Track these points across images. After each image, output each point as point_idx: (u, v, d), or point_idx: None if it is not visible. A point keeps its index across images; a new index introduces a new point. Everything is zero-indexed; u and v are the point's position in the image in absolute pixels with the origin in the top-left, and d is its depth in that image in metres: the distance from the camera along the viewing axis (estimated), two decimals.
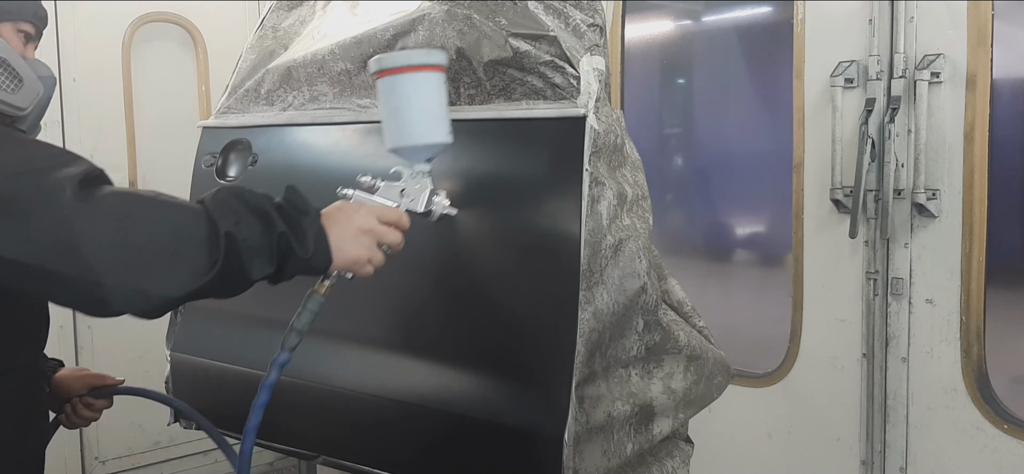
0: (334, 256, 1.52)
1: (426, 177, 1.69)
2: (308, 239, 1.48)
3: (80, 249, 1.29)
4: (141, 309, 1.37)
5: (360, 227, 1.56)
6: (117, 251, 1.31)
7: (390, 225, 1.60)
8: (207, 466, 4.31)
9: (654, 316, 1.84)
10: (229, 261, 1.38)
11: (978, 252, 2.65)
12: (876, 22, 2.78)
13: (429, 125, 1.66)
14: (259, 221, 1.43)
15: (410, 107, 1.64)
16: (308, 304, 1.62)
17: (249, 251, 1.41)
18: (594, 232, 1.73)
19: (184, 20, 4.22)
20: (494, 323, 1.89)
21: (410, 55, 1.69)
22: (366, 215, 1.58)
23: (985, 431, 2.68)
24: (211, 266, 1.36)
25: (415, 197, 1.68)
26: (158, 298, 1.36)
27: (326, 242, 1.51)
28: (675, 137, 3.86)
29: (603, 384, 1.77)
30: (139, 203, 1.38)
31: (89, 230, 1.30)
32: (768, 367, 3.20)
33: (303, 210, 1.49)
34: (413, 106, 1.64)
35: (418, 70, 1.64)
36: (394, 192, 1.68)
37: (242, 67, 2.48)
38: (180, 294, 1.37)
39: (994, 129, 2.63)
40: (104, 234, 1.31)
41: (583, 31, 1.86)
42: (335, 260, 1.53)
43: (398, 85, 1.64)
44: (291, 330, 1.63)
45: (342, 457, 2.15)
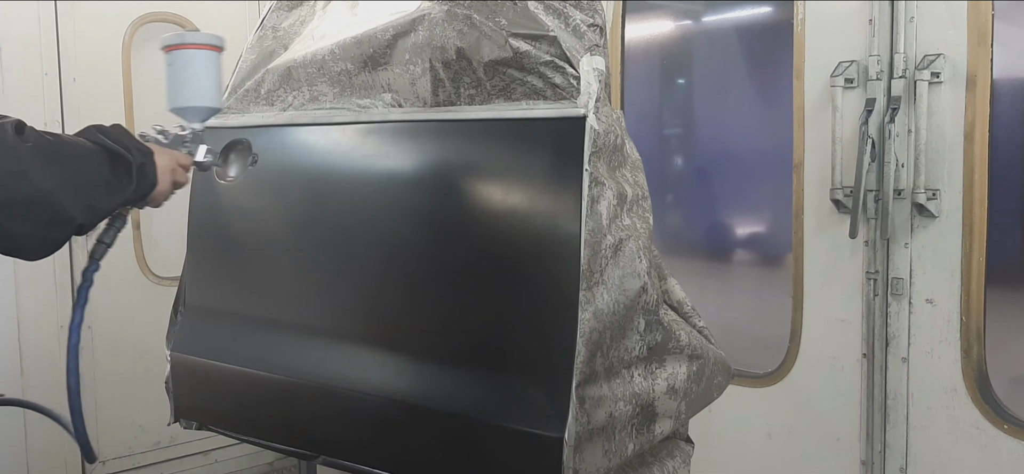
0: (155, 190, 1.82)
1: (200, 133, 2.03)
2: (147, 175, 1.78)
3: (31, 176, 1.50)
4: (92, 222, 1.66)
5: (169, 166, 1.87)
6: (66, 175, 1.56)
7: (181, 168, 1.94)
8: (207, 466, 4.31)
9: (655, 316, 1.84)
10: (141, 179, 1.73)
11: (978, 252, 2.65)
12: (876, 22, 2.78)
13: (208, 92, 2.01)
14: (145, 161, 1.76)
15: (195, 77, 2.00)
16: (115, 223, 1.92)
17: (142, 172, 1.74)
18: (594, 232, 1.73)
19: (184, 20, 4.21)
20: (494, 323, 1.89)
21: (195, 36, 2.05)
22: (172, 159, 1.90)
23: (985, 431, 2.67)
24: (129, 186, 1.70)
25: (194, 148, 2.00)
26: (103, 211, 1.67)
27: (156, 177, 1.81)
28: (675, 137, 3.86)
29: (605, 385, 1.77)
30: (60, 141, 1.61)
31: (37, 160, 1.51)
32: (768, 367, 3.20)
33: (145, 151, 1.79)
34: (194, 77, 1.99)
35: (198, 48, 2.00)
36: (179, 143, 2.00)
37: (242, 67, 2.48)
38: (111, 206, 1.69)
39: (994, 129, 2.63)
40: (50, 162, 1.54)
41: (583, 31, 1.86)
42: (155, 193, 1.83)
43: (185, 58, 1.99)
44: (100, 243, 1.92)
45: (342, 457, 2.15)
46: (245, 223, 2.36)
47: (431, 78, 2.00)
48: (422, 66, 2.01)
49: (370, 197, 2.12)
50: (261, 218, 2.32)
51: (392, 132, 2.10)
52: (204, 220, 2.44)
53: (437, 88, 2.00)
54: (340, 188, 2.18)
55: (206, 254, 2.45)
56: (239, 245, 2.39)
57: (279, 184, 2.28)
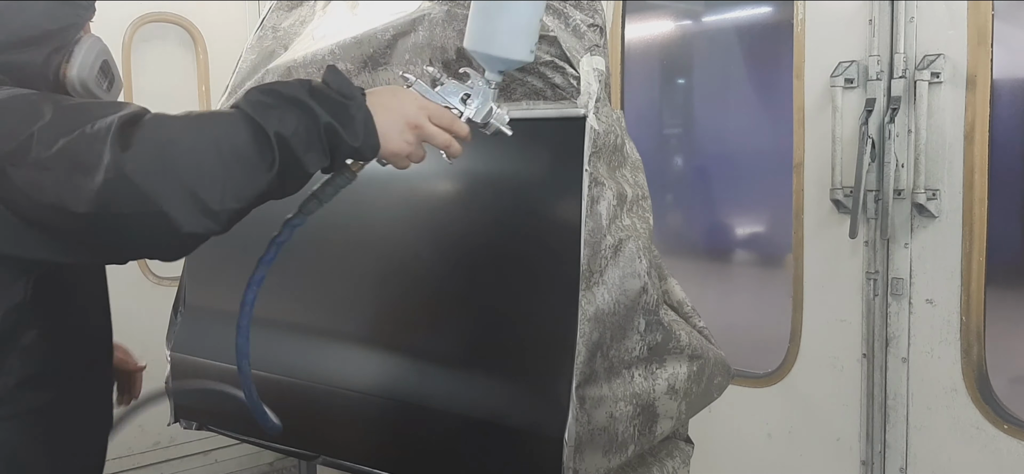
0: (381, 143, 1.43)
1: (493, 89, 1.59)
2: (357, 125, 1.39)
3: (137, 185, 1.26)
4: (210, 227, 1.34)
5: (409, 121, 1.46)
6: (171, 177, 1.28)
7: (440, 127, 1.51)
8: (207, 466, 4.31)
9: (655, 316, 1.84)
10: (284, 160, 1.33)
11: (978, 252, 2.65)
12: (876, 22, 2.78)
13: (517, 39, 1.56)
14: (302, 113, 1.35)
15: (505, 14, 1.55)
16: (337, 178, 1.53)
17: (301, 145, 1.34)
18: (594, 232, 1.73)
19: (184, 20, 4.22)
20: (494, 323, 1.89)
21: None
22: (417, 110, 1.48)
23: (985, 431, 2.67)
24: (269, 168, 1.33)
25: (477, 106, 1.57)
26: (224, 212, 1.33)
27: (374, 128, 1.41)
28: (675, 137, 3.86)
29: (605, 385, 1.77)
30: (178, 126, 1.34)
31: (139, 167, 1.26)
32: (768, 367, 3.20)
33: (348, 95, 1.40)
34: (508, 14, 1.55)
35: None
36: (456, 94, 1.57)
37: (242, 67, 2.48)
38: (243, 204, 1.35)
39: (994, 129, 2.63)
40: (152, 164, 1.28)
41: (583, 31, 1.86)
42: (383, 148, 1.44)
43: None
44: (313, 197, 1.55)
45: (342, 457, 2.15)
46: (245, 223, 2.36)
47: (431, 78, 2.00)
48: (422, 66, 2.01)
49: (370, 197, 2.12)
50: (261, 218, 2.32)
51: None
52: None
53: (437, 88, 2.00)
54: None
55: (207, 254, 2.45)
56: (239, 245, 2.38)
57: None
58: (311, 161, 1.37)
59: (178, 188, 1.28)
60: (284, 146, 1.32)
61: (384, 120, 1.43)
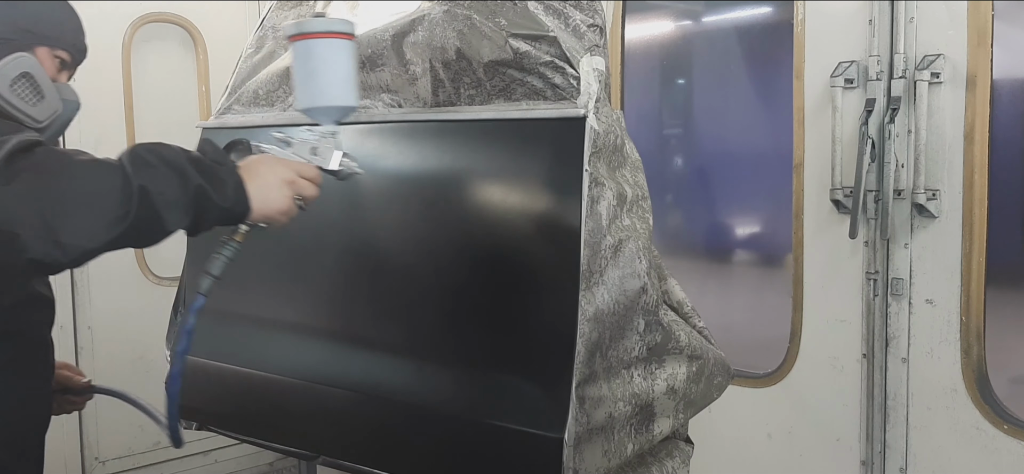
0: (255, 205, 1.59)
1: (335, 137, 1.76)
2: (227, 188, 1.54)
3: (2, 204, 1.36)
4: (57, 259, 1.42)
5: (282, 178, 1.62)
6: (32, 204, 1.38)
7: (307, 180, 1.68)
8: (207, 466, 4.31)
9: (655, 316, 1.84)
10: (142, 212, 1.45)
11: (978, 252, 2.65)
12: (876, 22, 2.78)
13: (341, 88, 1.74)
14: (175, 174, 1.48)
15: (326, 71, 1.72)
16: (224, 251, 1.67)
17: (164, 203, 1.47)
18: (594, 232, 1.73)
19: (184, 20, 4.22)
20: (494, 323, 1.89)
21: (328, 23, 1.75)
22: (287, 168, 1.64)
23: (985, 431, 2.67)
24: (124, 217, 1.43)
25: (326, 156, 1.74)
26: (73, 248, 1.42)
27: (244, 192, 1.57)
28: (675, 137, 3.86)
29: (605, 385, 1.77)
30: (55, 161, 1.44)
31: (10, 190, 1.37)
32: (768, 367, 3.20)
33: (219, 161, 1.56)
34: (329, 70, 1.72)
35: (332, 36, 1.72)
36: (305, 150, 1.73)
37: (242, 67, 2.48)
38: (95, 245, 1.44)
39: (994, 129, 2.63)
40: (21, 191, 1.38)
41: (583, 31, 1.86)
42: (256, 209, 1.59)
43: (314, 49, 1.72)
44: (206, 274, 1.69)
45: (342, 457, 2.15)
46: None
47: (431, 78, 2.00)
48: (422, 66, 2.01)
49: (369, 198, 2.12)
50: None
51: (392, 132, 2.10)
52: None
53: (437, 88, 2.00)
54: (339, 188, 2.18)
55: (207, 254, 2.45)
56: None
57: None
58: (172, 219, 1.50)
59: (35, 215, 1.38)
60: (146, 201, 1.45)
61: (260, 184, 1.60)
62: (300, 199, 1.66)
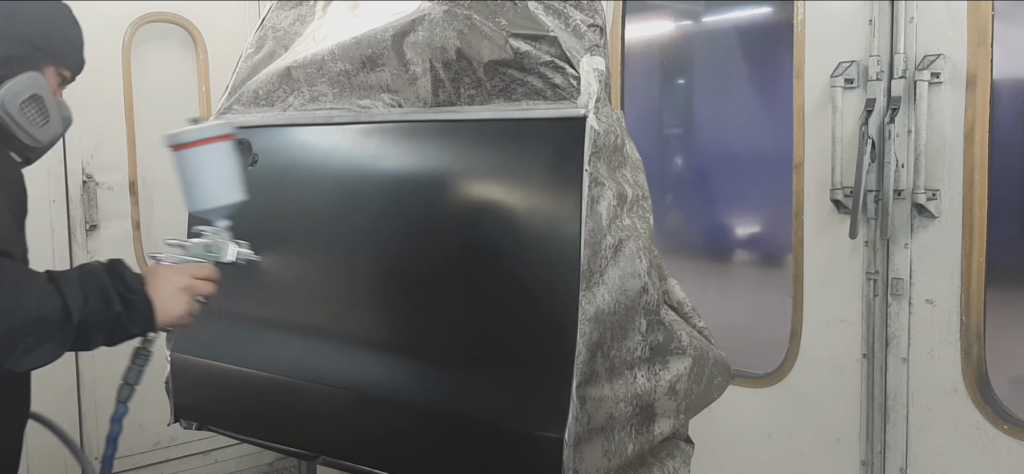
0: (158, 319, 1.73)
1: (227, 231, 1.87)
2: (138, 313, 1.69)
3: None
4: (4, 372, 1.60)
5: (178, 286, 1.76)
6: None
7: (204, 279, 1.81)
8: (207, 466, 4.31)
9: (656, 316, 1.84)
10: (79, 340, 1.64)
11: (978, 252, 2.65)
12: (876, 22, 2.78)
13: (225, 189, 1.84)
14: (103, 304, 1.64)
15: (207, 175, 1.83)
16: (137, 360, 1.85)
17: (92, 331, 1.65)
18: (594, 232, 1.73)
19: (184, 20, 4.21)
20: (494, 324, 1.89)
21: (202, 129, 1.83)
22: (181, 274, 1.78)
23: (985, 431, 2.67)
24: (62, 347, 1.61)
25: (220, 250, 1.86)
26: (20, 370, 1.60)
27: (151, 312, 1.71)
28: (675, 137, 3.86)
29: (607, 385, 1.77)
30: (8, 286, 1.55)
31: None
32: (768, 367, 3.20)
33: (134, 289, 1.70)
34: (209, 174, 1.83)
35: (210, 142, 1.82)
36: (200, 249, 1.86)
37: (242, 67, 2.48)
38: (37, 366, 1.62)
39: (994, 129, 2.63)
40: None
41: (583, 31, 1.86)
42: (160, 322, 1.74)
43: (193, 157, 1.82)
44: (125, 384, 1.86)
45: (342, 457, 2.15)
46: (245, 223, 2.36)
47: (431, 78, 2.00)
48: (422, 66, 2.01)
49: (370, 197, 2.12)
50: (261, 218, 2.32)
51: (392, 132, 2.10)
52: (204, 221, 2.44)
53: (437, 88, 2.00)
54: (340, 188, 2.19)
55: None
56: None
57: (279, 184, 2.28)
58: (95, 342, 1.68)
59: None
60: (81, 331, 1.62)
61: (162, 297, 1.73)
62: (200, 298, 1.80)
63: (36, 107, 1.82)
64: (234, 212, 1.87)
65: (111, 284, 1.66)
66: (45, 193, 3.76)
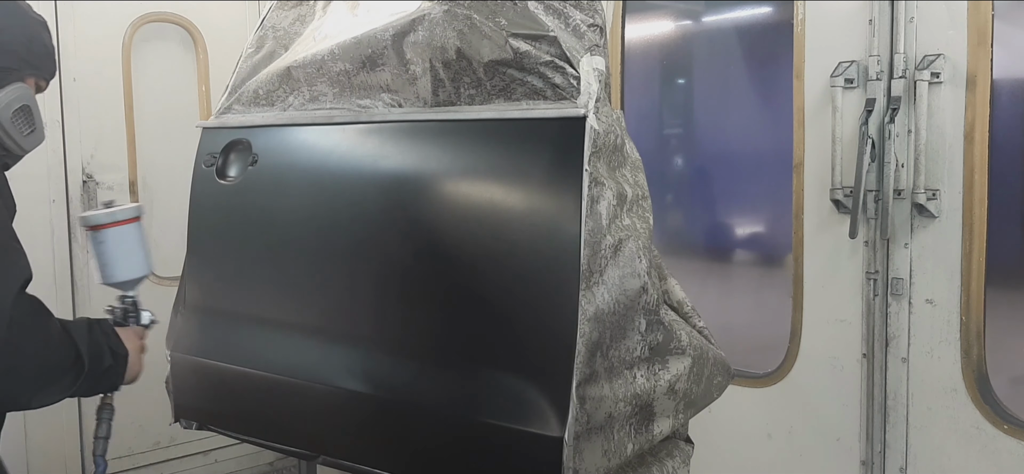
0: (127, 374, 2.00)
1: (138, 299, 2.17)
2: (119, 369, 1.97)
3: None
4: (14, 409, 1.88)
5: (139, 347, 2.05)
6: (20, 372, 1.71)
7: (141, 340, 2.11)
8: (207, 466, 4.31)
9: (656, 316, 1.84)
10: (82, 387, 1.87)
11: (978, 252, 2.65)
12: (876, 22, 2.78)
13: (133, 263, 2.12)
14: (99, 356, 1.89)
15: (124, 253, 2.10)
16: (104, 414, 2.17)
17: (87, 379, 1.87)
18: (594, 232, 1.73)
19: (184, 20, 4.22)
20: (495, 323, 1.89)
21: (112, 213, 2.09)
22: (138, 338, 2.07)
23: (985, 431, 2.67)
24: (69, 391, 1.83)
25: (139, 315, 2.16)
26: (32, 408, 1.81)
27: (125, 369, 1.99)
28: (675, 137, 3.86)
29: (606, 385, 1.77)
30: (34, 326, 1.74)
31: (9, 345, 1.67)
32: (768, 367, 3.20)
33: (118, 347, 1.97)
34: (126, 252, 2.10)
35: (119, 225, 2.08)
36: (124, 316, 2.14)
37: (242, 67, 2.48)
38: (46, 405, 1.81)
39: (994, 129, 2.63)
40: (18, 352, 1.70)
41: (583, 31, 1.86)
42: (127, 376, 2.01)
43: (111, 237, 2.07)
44: (99, 439, 2.16)
45: (342, 457, 2.15)
46: (245, 223, 2.36)
47: (431, 78, 2.00)
48: (422, 66, 2.01)
49: (370, 197, 2.12)
50: (261, 218, 2.32)
51: (392, 132, 2.10)
52: (204, 220, 2.44)
53: (437, 88, 2.00)
54: (340, 188, 2.18)
55: (206, 254, 2.45)
56: (239, 245, 2.38)
57: (279, 184, 2.28)
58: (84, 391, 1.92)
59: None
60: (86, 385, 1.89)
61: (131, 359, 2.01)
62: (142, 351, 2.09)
63: (24, 117, 1.91)
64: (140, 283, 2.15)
65: (105, 340, 1.90)
66: (45, 193, 3.77)
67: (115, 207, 2.12)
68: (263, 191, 2.30)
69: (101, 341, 1.90)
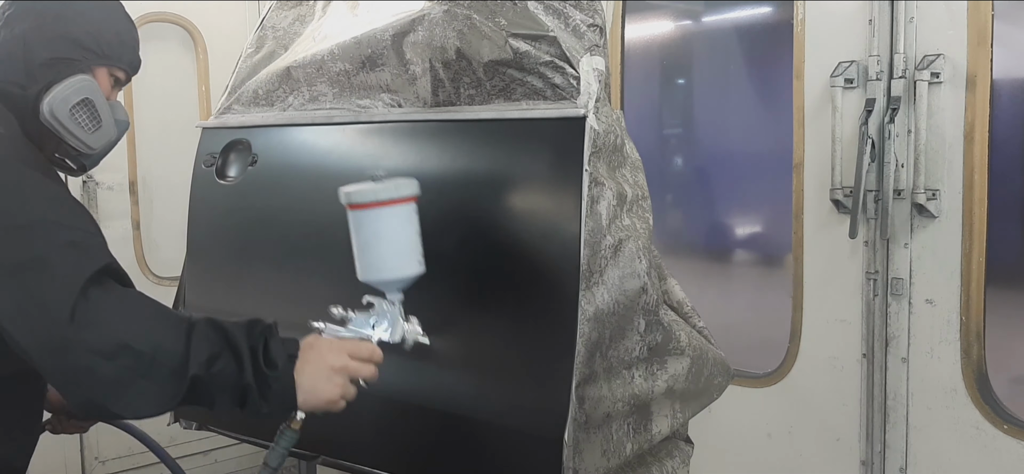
0: (302, 401, 1.56)
1: (398, 306, 1.69)
2: (271, 394, 1.53)
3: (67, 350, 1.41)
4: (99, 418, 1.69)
5: (332, 366, 1.59)
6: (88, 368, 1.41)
7: (363, 360, 1.63)
8: (207, 466, 4.31)
9: (655, 316, 1.84)
10: (193, 396, 1.49)
11: (978, 252, 2.65)
12: (876, 22, 2.78)
13: (402, 259, 1.65)
14: (232, 369, 1.50)
15: (382, 242, 1.64)
16: (281, 441, 1.62)
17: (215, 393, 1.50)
18: (594, 232, 1.73)
19: (184, 20, 4.22)
20: (494, 323, 1.89)
21: (381, 189, 1.64)
22: (338, 353, 1.60)
23: (985, 431, 2.67)
24: (173, 398, 1.47)
25: (388, 327, 1.68)
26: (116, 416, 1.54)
27: (293, 395, 1.55)
28: (675, 137, 3.86)
29: (605, 385, 1.77)
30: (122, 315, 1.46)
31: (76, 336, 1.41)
32: (768, 367, 3.20)
33: (275, 363, 1.53)
34: (385, 241, 1.64)
35: (390, 204, 1.63)
36: (366, 323, 1.67)
37: (242, 67, 2.48)
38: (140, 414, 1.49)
39: (994, 129, 2.63)
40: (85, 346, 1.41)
41: (583, 31, 1.86)
42: (305, 403, 1.57)
43: (370, 219, 1.63)
44: (265, 466, 1.65)
45: (342, 457, 2.14)
46: (245, 223, 2.36)
47: (431, 78, 2.00)
48: (422, 66, 2.01)
49: None
50: (261, 218, 2.32)
51: (392, 132, 2.10)
52: (204, 220, 2.44)
53: (437, 88, 2.00)
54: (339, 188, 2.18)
55: (206, 254, 2.45)
56: (239, 245, 2.39)
57: (279, 184, 2.28)
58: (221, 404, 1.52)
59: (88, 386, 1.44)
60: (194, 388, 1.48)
61: (310, 375, 1.56)
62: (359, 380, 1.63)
63: (87, 111, 1.72)
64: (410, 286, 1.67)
65: (249, 351, 1.50)
66: None
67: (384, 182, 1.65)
68: (263, 191, 2.30)
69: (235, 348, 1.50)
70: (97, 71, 1.77)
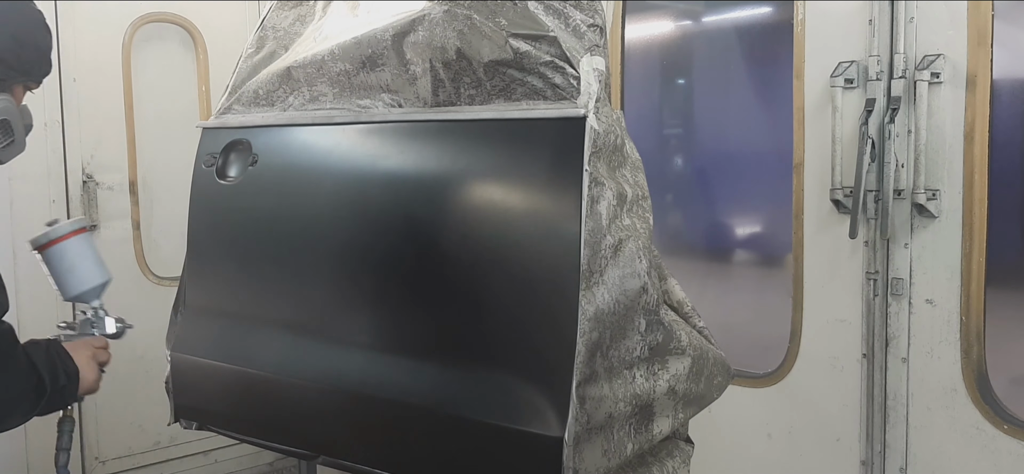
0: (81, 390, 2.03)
1: (102, 307, 2.19)
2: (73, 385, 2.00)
3: None
4: None
5: (89, 359, 2.04)
6: None
7: (100, 349, 2.11)
8: (207, 466, 4.31)
9: (656, 316, 1.84)
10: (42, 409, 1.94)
11: (978, 252, 2.65)
12: (876, 22, 2.78)
13: (91, 273, 2.13)
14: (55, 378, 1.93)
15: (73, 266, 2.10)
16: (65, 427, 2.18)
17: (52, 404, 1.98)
18: (594, 232, 1.73)
19: (184, 20, 4.21)
20: (494, 323, 1.89)
21: (55, 229, 2.10)
22: (89, 349, 2.06)
23: (985, 431, 2.67)
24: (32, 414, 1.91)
25: (103, 325, 2.18)
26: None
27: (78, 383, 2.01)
28: (675, 137, 3.86)
29: (606, 385, 1.77)
30: None
31: None
32: (768, 367, 3.20)
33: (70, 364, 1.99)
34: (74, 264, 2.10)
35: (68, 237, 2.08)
36: (87, 328, 2.17)
37: (242, 67, 2.48)
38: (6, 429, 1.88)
39: (994, 129, 2.63)
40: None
41: (583, 31, 1.86)
42: (81, 390, 2.02)
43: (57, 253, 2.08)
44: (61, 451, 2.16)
45: (342, 457, 2.15)
46: (245, 223, 2.36)
47: (431, 78, 2.00)
48: (422, 66, 2.01)
49: (370, 197, 2.12)
50: (261, 218, 2.32)
51: (392, 132, 2.10)
52: (204, 220, 2.44)
53: (437, 88, 2.00)
54: (340, 188, 2.18)
55: (206, 254, 2.45)
56: (239, 245, 2.39)
57: (279, 184, 2.28)
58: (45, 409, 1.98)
59: None
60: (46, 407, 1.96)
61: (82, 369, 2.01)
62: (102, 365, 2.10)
63: (2, 131, 1.85)
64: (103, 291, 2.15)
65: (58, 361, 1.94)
66: (45, 193, 3.76)
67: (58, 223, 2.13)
68: (263, 191, 2.30)
69: (56, 362, 1.94)
70: (15, 88, 1.86)
